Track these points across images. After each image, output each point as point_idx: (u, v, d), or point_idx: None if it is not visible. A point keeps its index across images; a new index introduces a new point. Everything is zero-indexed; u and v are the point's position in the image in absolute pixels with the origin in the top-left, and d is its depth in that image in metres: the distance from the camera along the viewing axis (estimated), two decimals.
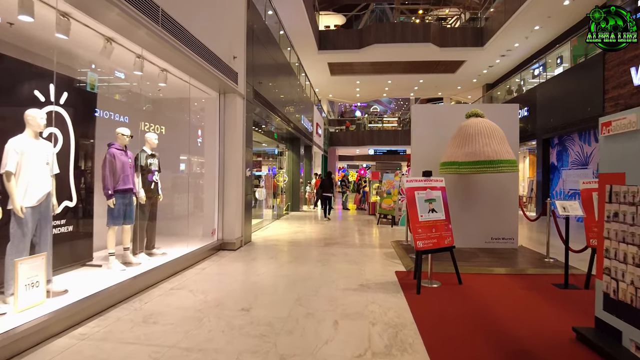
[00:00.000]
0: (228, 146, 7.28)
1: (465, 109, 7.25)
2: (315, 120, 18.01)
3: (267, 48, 9.56)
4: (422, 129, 7.46)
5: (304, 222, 11.78)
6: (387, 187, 10.69)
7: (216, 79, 6.38)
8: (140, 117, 6.53)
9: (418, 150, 7.45)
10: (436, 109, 7.40)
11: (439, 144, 7.28)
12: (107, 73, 5.93)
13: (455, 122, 7.21)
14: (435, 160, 7.25)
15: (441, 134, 7.32)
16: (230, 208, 7.27)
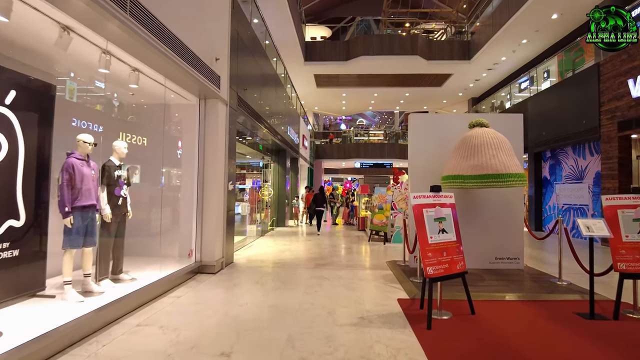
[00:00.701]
0: (209, 157, 6.56)
1: (468, 118, 6.74)
2: (302, 132, 17.41)
3: (253, 54, 8.93)
4: (420, 139, 6.90)
5: (290, 239, 11.04)
6: (379, 201, 10.08)
7: (196, 82, 5.70)
8: (115, 127, 5.77)
9: (416, 162, 6.88)
10: (435, 118, 6.87)
11: (439, 156, 6.73)
12: (65, 72, 5.17)
13: (456, 132, 6.67)
14: (435, 173, 6.67)
15: (441, 144, 6.78)
16: (210, 226, 6.51)
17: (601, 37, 4.76)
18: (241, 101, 7.77)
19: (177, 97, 6.28)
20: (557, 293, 5.21)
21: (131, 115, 6.83)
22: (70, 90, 5.40)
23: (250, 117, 8.46)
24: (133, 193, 5.47)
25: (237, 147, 10.79)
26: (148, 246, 6.22)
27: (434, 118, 7.05)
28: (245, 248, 9.17)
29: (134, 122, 6.83)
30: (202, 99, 6.56)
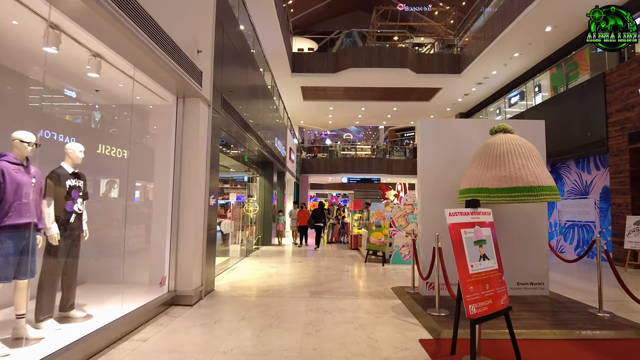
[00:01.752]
0: (187, 166, 5.51)
1: (485, 124, 5.93)
2: (289, 144, 16.46)
3: (240, 56, 8.00)
4: (431, 148, 6.03)
5: (278, 259, 9.95)
6: (377, 218, 9.16)
7: (173, 75, 4.70)
8: (69, 130, 4.70)
9: (427, 174, 6.00)
10: (449, 124, 6.05)
11: (454, 166, 5.87)
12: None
13: (473, 140, 5.84)
14: (450, 185, 5.80)
15: (456, 153, 5.93)
16: (187, 247, 5.42)
17: (601, 37, 4.55)
18: (226, 104, 6.79)
19: (149, 95, 5.25)
20: (606, 329, 4.31)
21: (113, 129, 5.77)
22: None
23: (236, 122, 7.47)
24: (93, 208, 4.39)
25: (220, 159, 9.75)
26: (111, 273, 5.07)
27: (447, 125, 6.22)
28: (228, 271, 8.05)
29: (104, 127, 5.76)
30: (181, 97, 5.55)
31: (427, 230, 5.91)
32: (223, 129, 7.34)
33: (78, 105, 5.38)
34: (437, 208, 5.88)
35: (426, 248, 5.88)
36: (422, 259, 5.91)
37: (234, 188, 12.30)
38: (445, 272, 4.75)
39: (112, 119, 5.76)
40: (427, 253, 5.85)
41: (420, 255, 5.97)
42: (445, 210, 3.45)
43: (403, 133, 37.25)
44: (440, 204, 5.90)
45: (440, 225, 5.84)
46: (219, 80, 6.36)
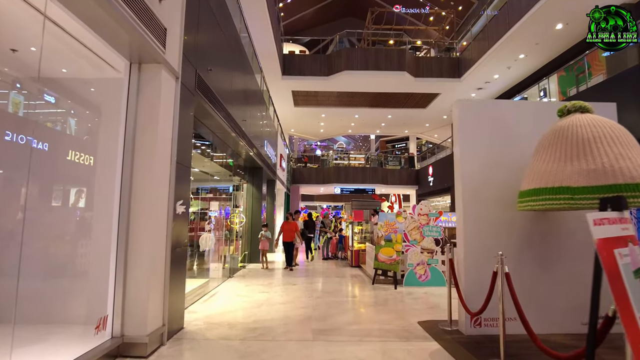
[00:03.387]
0: (141, 161, 3.85)
1: (546, 107, 4.48)
2: (279, 151, 14.86)
3: (224, 31, 6.44)
4: (472, 136, 4.49)
5: (267, 281, 8.24)
6: (386, 230, 7.56)
7: (125, 24, 3.10)
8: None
9: (467, 170, 4.44)
10: (496, 104, 4.59)
11: (504, 159, 4.36)
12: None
13: (529, 125, 4.36)
14: (499, 184, 4.28)
15: (507, 143, 4.43)
16: (140, 272, 3.73)
17: (601, 37, 4.57)
18: (203, 85, 5.19)
19: (87, 59, 3.64)
20: None
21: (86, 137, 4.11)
22: None
23: (216, 112, 5.85)
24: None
25: (201, 163, 8.11)
26: (23, 312, 3.34)
27: (492, 106, 4.70)
28: (206, 298, 6.33)
29: None
30: (136, 63, 3.92)
31: (472, 247, 4.34)
32: (199, 118, 5.72)
33: None
34: (483, 217, 4.33)
35: (472, 271, 4.31)
36: (466, 285, 4.32)
37: (216, 198, 10.62)
38: (520, 309, 3.17)
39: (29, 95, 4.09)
40: (474, 278, 4.27)
41: (462, 280, 4.39)
42: (588, 216, 1.88)
43: (394, 144, 36.07)
44: (488, 211, 4.36)
45: (488, 240, 4.28)
46: (192, 50, 4.77)
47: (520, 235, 4.34)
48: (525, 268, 4.29)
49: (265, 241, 10.36)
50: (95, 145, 3.80)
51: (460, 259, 4.46)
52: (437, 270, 7.48)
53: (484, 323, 4.30)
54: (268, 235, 10.46)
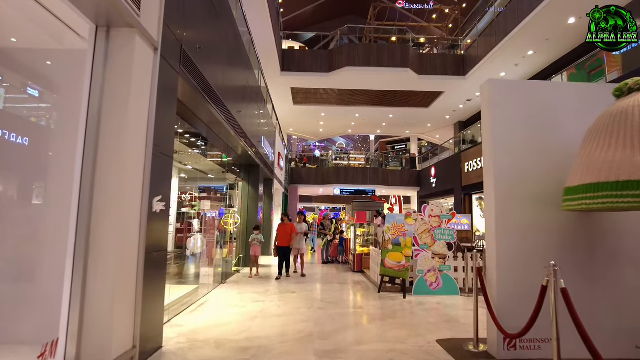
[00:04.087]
0: (108, 147, 3.11)
1: (591, 88, 3.80)
2: (277, 149, 14.13)
3: (219, 10, 5.73)
4: (506, 121, 3.76)
5: (264, 287, 7.50)
6: (394, 233, 6.84)
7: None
8: None
9: (502, 163, 3.72)
10: (535, 86, 3.80)
11: (544, 150, 3.66)
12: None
13: (577, 108, 3.66)
14: (540, 181, 3.57)
15: (548, 131, 3.73)
16: (103, 283, 2.98)
17: (601, 37, 4.55)
18: (189, 63, 4.47)
19: (42, 23, 2.92)
20: None
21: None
22: None
23: (206, 98, 5.13)
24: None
25: (189, 158, 7.39)
26: None
27: (530, 88, 3.97)
28: (193, 309, 5.58)
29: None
30: (103, 27, 3.19)
31: (507, 255, 3.63)
32: (187, 105, 5.00)
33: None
34: (520, 219, 3.62)
35: (506, 283, 3.60)
36: (499, 300, 3.60)
37: (209, 198, 9.89)
38: (585, 333, 2.45)
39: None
40: (509, 291, 3.56)
41: (494, 293, 3.67)
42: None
43: (394, 145, 35.43)
44: (525, 211, 3.65)
45: (525, 246, 3.57)
46: (177, 20, 4.05)
47: (562, 241, 3.63)
48: (567, 280, 3.58)
49: (257, 246, 8.95)
50: (49, 128, 3.07)
51: (491, 268, 3.75)
52: (449, 277, 6.76)
53: (519, 345, 3.58)
54: (261, 239, 9.10)
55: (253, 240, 8.97)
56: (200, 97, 4.97)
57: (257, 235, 9.02)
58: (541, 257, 3.51)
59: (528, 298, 3.35)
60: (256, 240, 8.97)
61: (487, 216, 3.82)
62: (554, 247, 3.60)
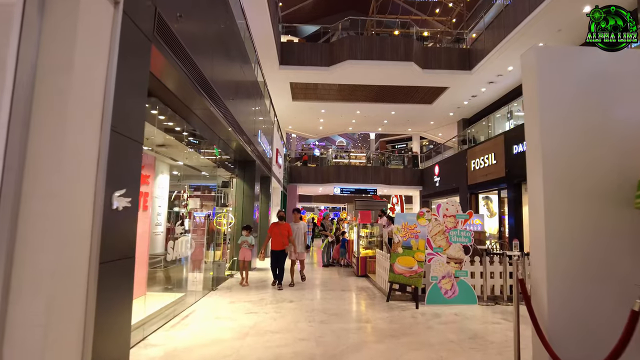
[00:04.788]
0: (43, 124, 2.35)
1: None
2: (276, 145, 13.35)
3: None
4: (562, 97, 2.99)
5: (258, 296, 6.71)
6: (405, 235, 6.07)
7: None
8: None
9: (554, 147, 2.94)
10: (595, 55, 2.94)
11: (610, 131, 2.90)
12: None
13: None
14: (603, 170, 2.80)
15: (613, 108, 2.96)
16: (33, 304, 2.19)
17: (601, 37, 3.99)
18: (166, 31, 3.68)
19: None
20: None
21: None
22: None
23: (185, 71, 4.35)
24: None
25: (176, 151, 6.62)
26: None
27: (590, 55, 3.20)
28: (175, 322, 4.80)
29: None
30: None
31: (562, 264, 2.85)
32: (163, 81, 4.22)
33: None
34: (578, 219, 2.85)
35: (562, 300, 2.82)
36: (551, 321, 2.83)
37: (199, 196, 9.11)
38: None
39: None
40: (567, 311, 2.79)
41: (545, 312, 2.89)
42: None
43: (394, 145, 34.72)
44: (585, 209, 2.87)
45: (586, 253, 2.80)
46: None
47: (635, 247, 2.86)
48: (622, 284, 2.81)
49: (247, 250, 7.71)
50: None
51: (538, 279, 2.97)
52: (465, 284, 5.99)
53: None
54: (251, 241, 7.89)
55: (242, 242, 7.78)
56: (184, 78, 4.19)
57: (247, 237, 7.82)
58: (609, 269, 2.74)
59: (593, 319, 2.59)
60: (246, 243, 7.75)
61: (532, 214, 3.04)
62: (622, 255, 2.83)
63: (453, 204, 6.19)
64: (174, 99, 4.93)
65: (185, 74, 4.23)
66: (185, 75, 4.25)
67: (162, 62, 3.79)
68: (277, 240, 7.40)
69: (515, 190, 12.71)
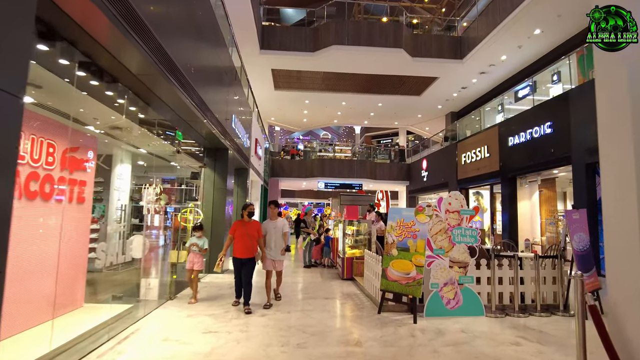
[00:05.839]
0: None
1: None
2: (254, 134, 12.15)
3: None
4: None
5: (223, 308, 5.55)
6: (401, 234, 5.04)
7: None
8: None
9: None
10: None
11: None
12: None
13: None
14: None
15: None
16: None
17: (601, 37, 4.10)
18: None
19: None
20: None
21: None
22: None
23: (117, 18, 3.20)
24: None
25: (130, 135, 5.47)
26: None
27: None
28: (108, 347, 3.64)
29: None
30: None
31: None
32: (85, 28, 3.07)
33: None
34: None
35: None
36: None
37: (165, 191, 7.96)
38: None
39: None
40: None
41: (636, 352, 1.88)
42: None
43: (379, 140, 33.87)
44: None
45: None
46: None
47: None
48: None
49: (198, 255, 5.85)
50: None
51: (629, 299, 1.96)
52: (471, 292, 5.02)
53: None
54: (203, 244, 5.94)
55: (191, 245, 5.89)
56: (114, 21, 3.04)
57: (198, 239, 5.92)
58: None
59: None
60: (195, 246, 5.86)
61: (615, 217, 2.03)
62: None
63: (457, 197, 5.19)
64: (118, 67, 3.76)
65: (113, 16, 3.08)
66: (114, 16, 3.10)
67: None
68: (242, 244, 5.32)
69: (510, 184, 11.87)
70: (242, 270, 5.34)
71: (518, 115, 11.84)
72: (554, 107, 10.14)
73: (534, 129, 10.55)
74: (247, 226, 5.40)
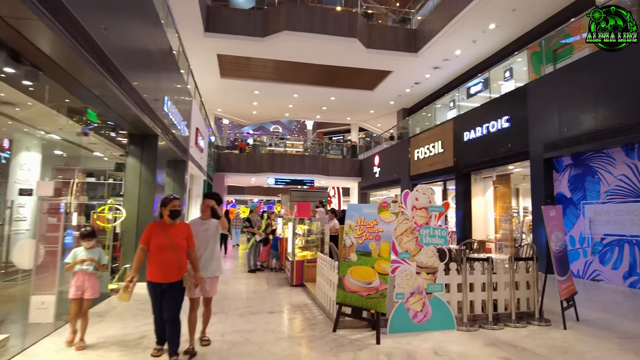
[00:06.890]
0: None
1: None
2: (195, 123, 10.80)
3: None
4: None
5: (141, 330, 4.39)
6: (360, 236, 4.17)
7: None
8: None
9: None
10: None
11: None
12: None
13: None
14: None
15: None
16: None
17: (601, 37, 4.41)
18: None
19: None
20: None
21: None
22: None
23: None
24: None
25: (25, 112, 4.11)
26: None
27: None
28: None
29: None
30: None
31: None
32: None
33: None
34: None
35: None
36: None
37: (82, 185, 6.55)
38: None
39: None
40: None
41: None
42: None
43: (331, 136, 33.30)
44: None
45: None
46: None
47: None
48: None
49: (91, 277, 3.79)
50: None
51: None
52: (440, 302, 4.29)
53: None
54: (99, 258, 3.91)
55: (77, 262, 3.77)
56: None
57: (89, 252, 3.85)
58: None
59: None
60: (85, 263, 3.77)
61: None
62: None
63: (424, 192, 4.43)
64: None
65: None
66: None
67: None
68: (161, 261, 3.38)
69: (464, 181, 11.56)
70: (162, 302, 3.37)
71: (475, 109, 11.54)
72: (512, 101, 9.87)
73: (490, 123, 10.25)
74: (169, 232, 3.43)
